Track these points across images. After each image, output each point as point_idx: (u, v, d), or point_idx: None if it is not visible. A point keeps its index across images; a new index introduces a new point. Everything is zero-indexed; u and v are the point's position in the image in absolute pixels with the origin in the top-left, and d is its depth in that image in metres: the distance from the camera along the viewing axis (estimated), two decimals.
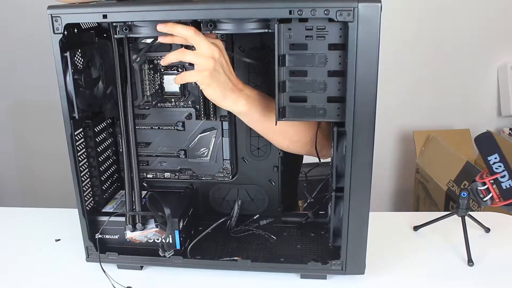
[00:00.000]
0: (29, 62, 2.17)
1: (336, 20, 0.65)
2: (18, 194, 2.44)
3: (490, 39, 2.10)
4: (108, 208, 0.89)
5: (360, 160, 0.72)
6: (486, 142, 0.83)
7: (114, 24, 0.74)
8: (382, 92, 0.73)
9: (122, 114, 0.82)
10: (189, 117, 0.90)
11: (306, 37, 0.69)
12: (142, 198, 0.85)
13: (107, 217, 0.85)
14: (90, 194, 0.88)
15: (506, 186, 0.82)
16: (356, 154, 0.72)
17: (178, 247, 0.85)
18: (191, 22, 0.72)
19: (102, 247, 0.85)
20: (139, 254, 0.85)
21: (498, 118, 2.21)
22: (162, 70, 0.88)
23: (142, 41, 0.85)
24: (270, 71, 0.83)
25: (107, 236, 0.86)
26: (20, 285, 0.86)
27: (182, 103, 0.90)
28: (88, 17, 0.72)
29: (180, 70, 0.87)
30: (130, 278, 0.85)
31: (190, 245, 0.87)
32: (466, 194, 0.88)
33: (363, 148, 0.72)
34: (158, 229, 0.84)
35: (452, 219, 0.92)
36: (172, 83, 0.88)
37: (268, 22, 0.70)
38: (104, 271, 0.83)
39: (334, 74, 0.70)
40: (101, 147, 0.89)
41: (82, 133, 0.84)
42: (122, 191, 0.96)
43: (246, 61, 0.85)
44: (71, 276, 0.88)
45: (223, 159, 0.92)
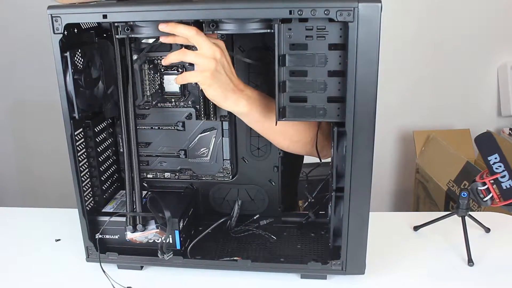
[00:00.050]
0: (29, 62, 2.17)
1: (336, 20, 0.65)
2: (18, 194, 2.44)
3: (490, 39, 2.10)
4: (108, 208, 0.89)
5: (360, 160, 0.72)
6: (486, 142, 0.83)
7: (115, 24, 0.74)
8: (382, 92, 0.73)
9: (123, 114, 0.82)
10: (189, 117, 0.90)
11: (306, 37, 0.69)
12: (142, 198, 0.85)
13: (107, 217, 0.85)
14: (90, 194, 0.88)
15: (506, 186, 0.82)
16: (356, 154, 0.72)
17: (178, 247, 0.86)
18: (193, 22, 0.71)
19: (102, 247, 0.85)
20: (139, 254, 0.85)
21: (498, 118, 2.22)
22: (162, 70, 0.88)
23: (142, 41, 0.85)
24: (270, 71, 0.83)
25: (107, 236, 0.86)
26: (20, 285, 0.86)
27: (182, 103, 0.90)
28: (88, 17, 0.72)
29: (180, 70, 0.87)
30: (130, 278, 0.85)
31: (190, 245, 0.87)
32: (466, 194, 0.88)
33: (363, 148, 0.72)
34: (158, 230, 0.84)
35: (452, 219, 0.92)
36: (172, 83, 0.88)
37: (270, 22, 0.70)
38: (104, 271, 0.83)
39: (334, 74, 0.70)
40: (101, 147, 0.89)
41: (82, 133, 0.84)
42: (122, 191, 0.96)
43: (246, 61, 0.85)
44: (71, 276, 0.88)
45: (223, 159, 0.92)
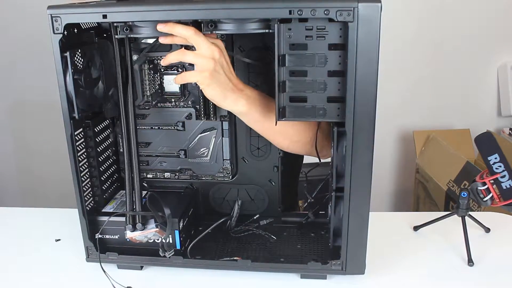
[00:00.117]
0: (29, 62, 2.17)
1: (336, 20, 0.65)
2: (18, 194, 2.44)
3: (490, 39, 2.10)
4: (108, 208, 0.89)
5: (360, 160, 0.72)
6: (486, 142, 0.83)
7: (115, 24, 0.74)
8: (382, 92, 0.73)
9: (123, 114, 0.82)
10: (189, 117, 0.90)
11: (306, 37, 0.69)
12: (142, 198, 0.85)
13: (107, 217, 0.85)
14: (90, 194, 0.88)
15: (506, 186, 0.82)
16: (356, 154, 0.72)
17: (178, 247, 0.85)
18: (192, 22, 0.71)
19: (102, 247, 0.85)
20: (139, 254, 0.85)
21: (498, 118, 2.21)
22: (162, 70, 0.88)
23: (142, 41, 0.85)
24: (270, 71, 0.83)
25: (107, 236, 0.86)
26: (20, 285, 0.86)
27: (182, 103, 0.90)
28: (88, 17, 0.72)
29: (180, 70, 0.87)
30: (130, 278, 0.85)
31: (190, 245, 0.87)
32: (466, 194, 0.88)
33: (363, 148, 0.72)
34: (158, 229, 0.84)
35: (452, 219, 0.92)
36: (172, 83, 0.88)
37: (268, 22, 0.70)
38: (104, 271, 0.83)
39: (334, 74, 0.70)
40: (101, 147, 0.89)
41: (82, 133, 0.84)
42: (122, 191, 0.96)
43: (246, 61, 0.85)
44: (71, 276, 0.88)
45: (223, 159, 0.92)
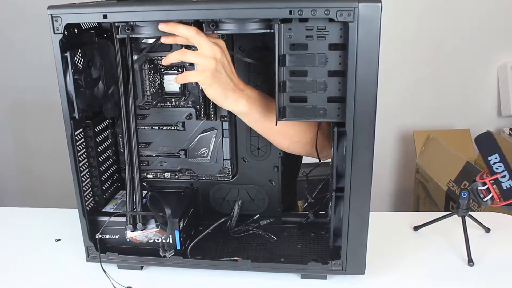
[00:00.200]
0: (29, 62, 2.17)
1: (336, 20, 0.65)
2: (18, 194, 2.44)
3: (490, 39, 2.10)
4: (108, 208, 0.89)
5: (360, 160, 0.72)
6: (486, 142, 0.83)
7: (116, 24, 0.74)
8: (382, 92, 0.73)
9: (124, 114, 0.82)
10: (189, 117, 0.90)
11: (306, 37, 0.69)
12: (142, 198, 0.85)
13: (107, 217, 0.85)
14: (90, 194, 0.88)
15: (506, 186, 0.82)
16: (356, 154, 0.72)
17: (178, 247, 0.85)
18: (193, 22, 0.71)
19: (102, 247, 0.85)
20: (139, 254, 0.85)
21: (498, 118, 2.22)
22: (162, 70, 0.88)
23: (142, 41, 0.85)
24: (270, 71, 0.83)
25: (107, 236, 0.86)
26: (20, 285, 0.86)
27: (182, 103, 0.90)
28: (88, 17, 0.72)
29: (180, 70, 0.87)
30: (130, 278, 0.85)
31: (190, 245, 0.87)
32: (466, 194, 0.88)
33: (363, 148, 0.72)
34: (158, 229, 0.84)
35: (452, 219, 0.92)
36: (172, 83, 0.88)
37: (269, 22, 0.70)
38: (104, 271, 0.83)
39: (334, 74, 0.70)
40: (101, 147, 0.89)
41: (82, 133, 0.84)
42: (122, 191, 0.96)
43: (247, 61, 0.85)
44: (71, 276, 0.88)
45: (223, 159, 0.92)
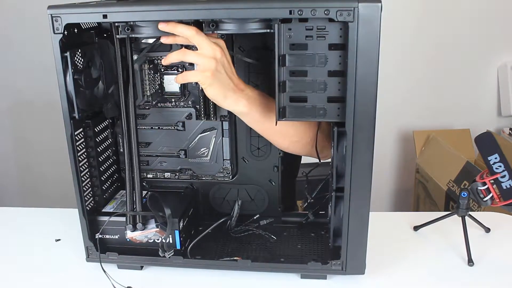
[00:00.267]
0: (29, 62, 2.17)
1: (336, 20, 0.65)
2: (18, 194, 2.44)
3: (490, 39, 2.10)
4: (108, 208, 0.89)
5: (360, 160, 0.72)
6: (486, 142, 0.83)
7: (116, 24, 0.74)
8: (382, 92, 0.73)
9: (124, 114, 0.82)
10: (189, 117, 0.90)
11: (306, 37, 0.69)
12: (142, 198, 0.85)
13: (107, 217, 0.85)
14: (90, 194, 0.88)
15: (506, 186, 0.82)
16: (356, 154, 0.72)
17: (178, 247, 0.86)
18: (193, 22, 0.71)
19: (102, 247, 0.85)
20: (139, 254, 0.85)
21: (498, 118, 2.22)
22: (162, 70, 0.88)
23: (143, 41, 0.85)
24: (270, 71, 0.83)
25: (107, 236, 0.86)
26: (20, 285, 0.86)
27: (182, 103, 0.90)
28: (88, 17, 0.72)
29: (180, 70, 0.87)
30: (130, 278, 0.85)
31: (190, 245, 0.87)
32: (466, 194, 0.88)
33: (363, 148, 0.72)
34: (158, 229, 0.84)
35: (452, 219, 0.92)
36: (172, 83, 0.88)
37: (269, 22, 0.70)
38: (104, 271, 0.83)
39: (334, 74, 0.70)
40: (101, 147, 0.89)
41: (82, 133, 0.84)
42: (122, 191, 0.96)
43: (247, 61, 0.85)
44: (71, 276, 0.88)
45: (223, 159, 0.92)
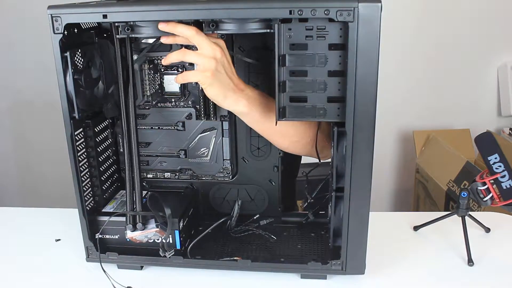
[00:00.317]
0: (29, 62, 2.17)
1: (336, 20, 0.65)
2: (18, 194, 2.44)
3: (490, 39, 2.10)
4: (108, 208, 0.89)
5: (360, 160, 0.72)
6: (486, 142, 0.83)
7: (116, 24, 0.74)
8: (382, 92, 0.73)
9: (124, 114, 0.82)
10: (189, 117, 0.90)
11: (306, 37, 0.69)
12: (142, 198, 0.85)
13: (107, 217, 0.85)
14: (90, 194, 0.88)
15: (506, 186, 0.82)
16: (356, 154, 0.72)
17: (178, 247, 0.86)
18: (193, 22, 0.71)
19: (102, 247, 0.85)
20: (139, 254, 0.85)
21: (498, 118, 2.22)
22: (162, 70, 0.88)
23: (143, 41, 0.85)
24: (270, 71, 0.83)
25: (107, 236, 0.86)
26: (20, 285, 0.86)
27: (182, 103, 0.90)
28: (88, 17, 0.72)
29: (180, 70, 0.87)
30: (130, 278, 0.85)
31: (190, 245, 0.87)
32: (466, 194, 0.88)
33: (363, 148, 0.72)
34: (158, 229, 0.84)
35: (452, 219, 0.92)
36: (172, 83, 0.88)
37: (269, 22, 0.70)
38: (104, 271, 0.83)
39: (334, 74, 0.70)
40: (101, 147, 0.89)
41: (82, 133, 0.84)
42: (122, 191, 0.96)
43: (247, 61, 0.85)
44: (71, 276, 0.88)
45: (223, 159, 0.92)
